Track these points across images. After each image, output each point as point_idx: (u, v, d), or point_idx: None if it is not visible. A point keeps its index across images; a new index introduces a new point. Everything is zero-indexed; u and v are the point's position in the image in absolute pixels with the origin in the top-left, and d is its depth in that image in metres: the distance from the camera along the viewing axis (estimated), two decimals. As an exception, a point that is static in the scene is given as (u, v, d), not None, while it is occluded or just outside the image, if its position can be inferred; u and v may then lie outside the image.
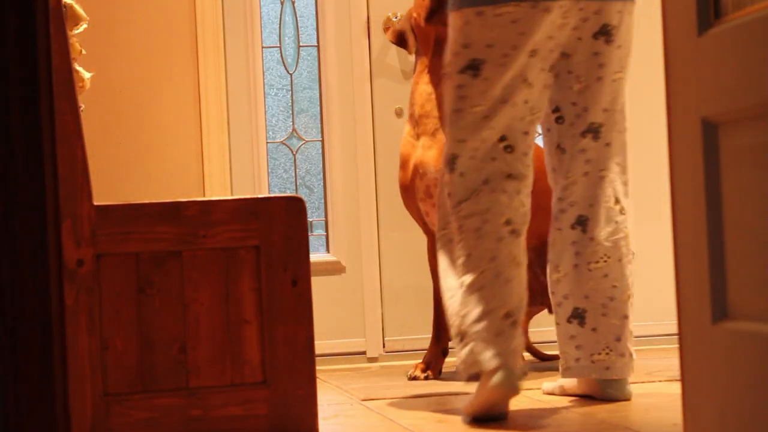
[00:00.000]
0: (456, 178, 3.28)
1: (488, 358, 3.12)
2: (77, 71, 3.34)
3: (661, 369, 3.88)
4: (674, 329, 2.26)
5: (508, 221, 3.23)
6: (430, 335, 4.27)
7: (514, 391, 3.13)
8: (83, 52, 3.42)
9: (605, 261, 3.41)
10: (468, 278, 3.19)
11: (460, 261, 3.24)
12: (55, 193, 2.27)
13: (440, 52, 4.14)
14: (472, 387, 3.35)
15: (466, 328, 3.16)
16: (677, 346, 2.16)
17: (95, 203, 2.92)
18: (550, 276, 3.48)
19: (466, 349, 3.16)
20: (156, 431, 2.92)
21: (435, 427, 3.19)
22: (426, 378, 4.13)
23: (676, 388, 2.23)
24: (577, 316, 3.43)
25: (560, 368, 3.49)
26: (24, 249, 2.22)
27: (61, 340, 2.72)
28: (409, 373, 4.18)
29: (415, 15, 4.19)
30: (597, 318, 3.41)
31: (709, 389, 2.03)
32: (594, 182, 3.42)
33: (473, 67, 3.27)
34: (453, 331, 3.24)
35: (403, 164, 4.20)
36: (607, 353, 3.41)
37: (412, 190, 4.16)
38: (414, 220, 4.30)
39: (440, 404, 3.59)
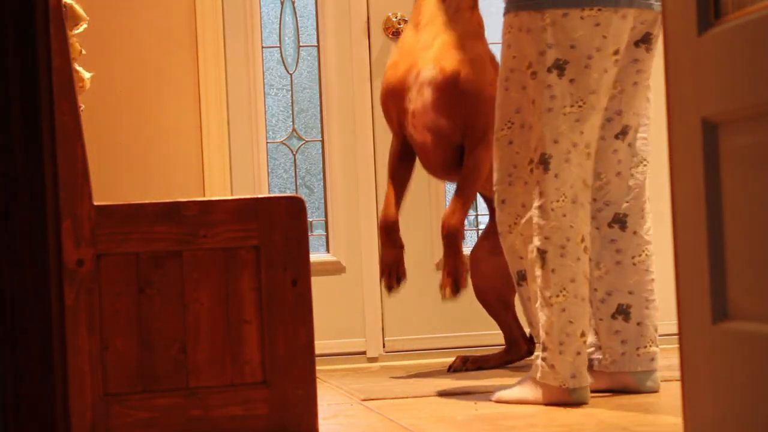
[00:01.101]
0: (550, 178, 3.38)
1: (568, 377, 3.38)
2: (77, 71, 3.34)
3: (661, 369, 3.87)
4: (674, 329, 2.26)
5: (583, 238, 3.41)
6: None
7: (586, 402, 3.41)
8: (83, 52, 3.42)
9: (647, 254, 3.59)
10: (550, 294, 3.38)
11: (543, 271, 3.39)
12: (55, 193, 2.27)
13: None
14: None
15: (548, 343, 3.38)
16: (677, 346, 2.16)
17: (95, 203, 2.92)
18: (591, 273, 3.58)
19: (546, 363, 3.39)
20: (156, 431, 2.92)
21: (434, 427, 3.19)
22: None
23: (676, 388, 2.23)
24: (622, 312, 3.57)
25: (604, 363, 3.59)
26: (24, 249, 2.21)
27: (61, 340, 2.72)
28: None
29: None
30: (641, 312, 3.57)
31: (709, 389, 2.03)
32: (626, 181, 3.58)
33: (558, 67, 3.38)
34: (535, 332, 3.47)
35: (397, 62, 4.15)
36: (650, 345, 3.58)
37: (401, 89, 4.11)
38: (388, 124, 4.25)
39: (440, 404, 3.59)
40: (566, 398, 3.38)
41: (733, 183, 1.95)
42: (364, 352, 4.86)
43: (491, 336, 4.58)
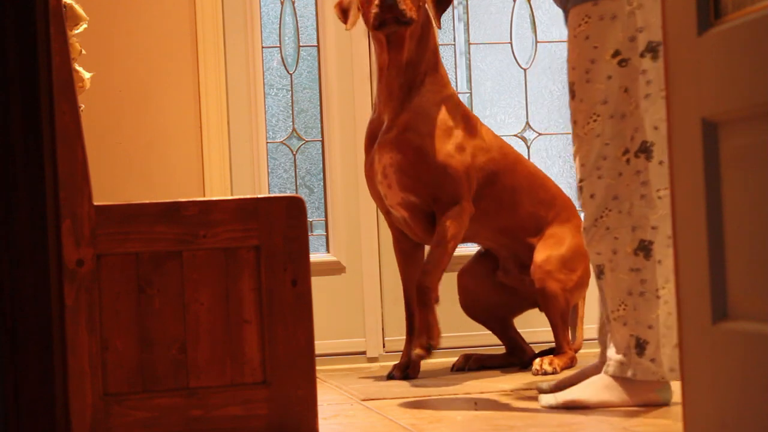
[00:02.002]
0: (654, 165, 3.31)
1: (667, 371, 3.26)
2: (77, 71, 3.34)
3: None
4: (674, 329, 2.26)
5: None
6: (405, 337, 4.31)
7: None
8: (83, 52, 3.42)
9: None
10: (657, 287, 3.29)
11: (649, 262, 3.30)
12: (55, 193, 2.27)
13: (397, 47, 4.11)
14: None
15: (650, 337, 3.28)
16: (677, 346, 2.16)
17: (95, 203, 2.92)
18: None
19: (646, 358, 3.27)
20: (156, 431, 2.92)
21: (434, 427, 3.19)
22: (405, 378, 4.15)
23: (676, 388, 2.23)
24: None
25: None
26: (24, 249, 2.22)
27: (61, 340, 2.72)
28: (388, 372, 4.22)
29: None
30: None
31: (709, 389, 2.03)
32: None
33: (652, 50, 3.32)
34: (603, 330, 3.43)
35: (367, 146, 4.23)
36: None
37: (372, 172, 4.19)
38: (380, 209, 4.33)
39: (440, 404, 3.59)
40: (667, 390, 3.29)
41: (733, 183, 1.95)
42: (364, 352, 4.86)
43: (492, 335, 4.58)
